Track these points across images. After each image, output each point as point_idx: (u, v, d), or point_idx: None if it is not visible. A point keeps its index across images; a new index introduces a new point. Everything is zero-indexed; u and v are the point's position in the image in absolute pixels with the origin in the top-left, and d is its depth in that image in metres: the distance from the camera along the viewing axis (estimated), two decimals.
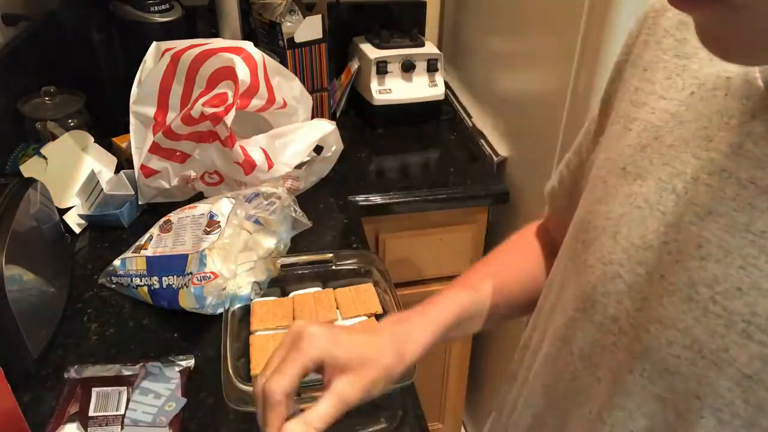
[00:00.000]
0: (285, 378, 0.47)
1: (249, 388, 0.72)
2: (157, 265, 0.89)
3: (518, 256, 0.68)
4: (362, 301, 0.86)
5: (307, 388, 0.74)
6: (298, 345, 0.48)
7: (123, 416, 0.72)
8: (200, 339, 0.85)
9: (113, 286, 0.93)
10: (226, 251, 0.87)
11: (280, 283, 0.91)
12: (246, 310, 0.85)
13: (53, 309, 0.86)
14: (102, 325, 0.87)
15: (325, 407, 0.47)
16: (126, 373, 0.77)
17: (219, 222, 0.91)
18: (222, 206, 0.93)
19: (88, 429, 0.70)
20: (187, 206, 0.98)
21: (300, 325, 0.50)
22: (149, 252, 0.92)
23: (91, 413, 0.72)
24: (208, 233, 0.90)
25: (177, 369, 0.78)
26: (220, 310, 0.85)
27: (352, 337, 0.51)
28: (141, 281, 0.89)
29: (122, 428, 0.71)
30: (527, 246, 0.68)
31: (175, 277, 0.87)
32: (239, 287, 0.87)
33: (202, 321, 0.87)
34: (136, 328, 0.87)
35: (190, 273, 0.85)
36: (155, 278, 0.88)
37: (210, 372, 0.80)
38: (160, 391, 0.74)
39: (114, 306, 0.91)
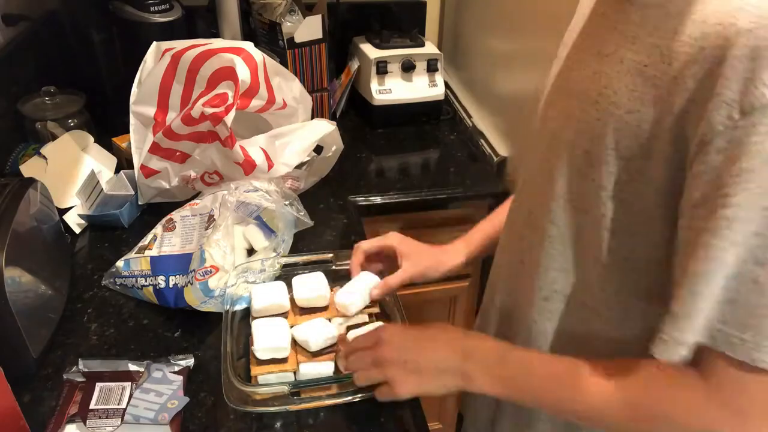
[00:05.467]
0: (365, 243, 0.88)
1: (249, 389, 0.72)
2: (163, 265, 0.89)
3: None
4: None
5: (307, 388, 0.74)
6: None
7: (124, 410, 0.72)
8: (200, 339, 0.85)
9: (117, 288, 0.93)
10: (223, 242, 0.87)
11: None
12: (246, 311, 0.85)
13: (53, 309, 0.86)
14: (102, 325, 0.87)
15: (401, 272, 0.84)
16: (132, 368, 0.77)
17: (214, 216, 0.91)
18: (218, 201, 0.94)
19: (88, 422, 0.70)
20: (188, 204, 0.98)
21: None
22: (154, 252, 0.92)
23: (92, 406, 0.72)
24: (207, 229, 0.90)
25: (177, 369, 0.78)
26: (228, 306, 0.85)
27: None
28: (146, 281, 0.89)
29: (122, 422, 0.71)
30: None
31: (180, 276, 0.87)
32: (239, 288, 0.87)
33: (202, 321, 0.87)
34: (136, 328, 0.87)
35: (193, 270, 0.85)
36: (161, 277, 0.88)
37: (210, 372, 0.80)
38: (162, 390, 0.75)
39: (114, 306, 0.91)
